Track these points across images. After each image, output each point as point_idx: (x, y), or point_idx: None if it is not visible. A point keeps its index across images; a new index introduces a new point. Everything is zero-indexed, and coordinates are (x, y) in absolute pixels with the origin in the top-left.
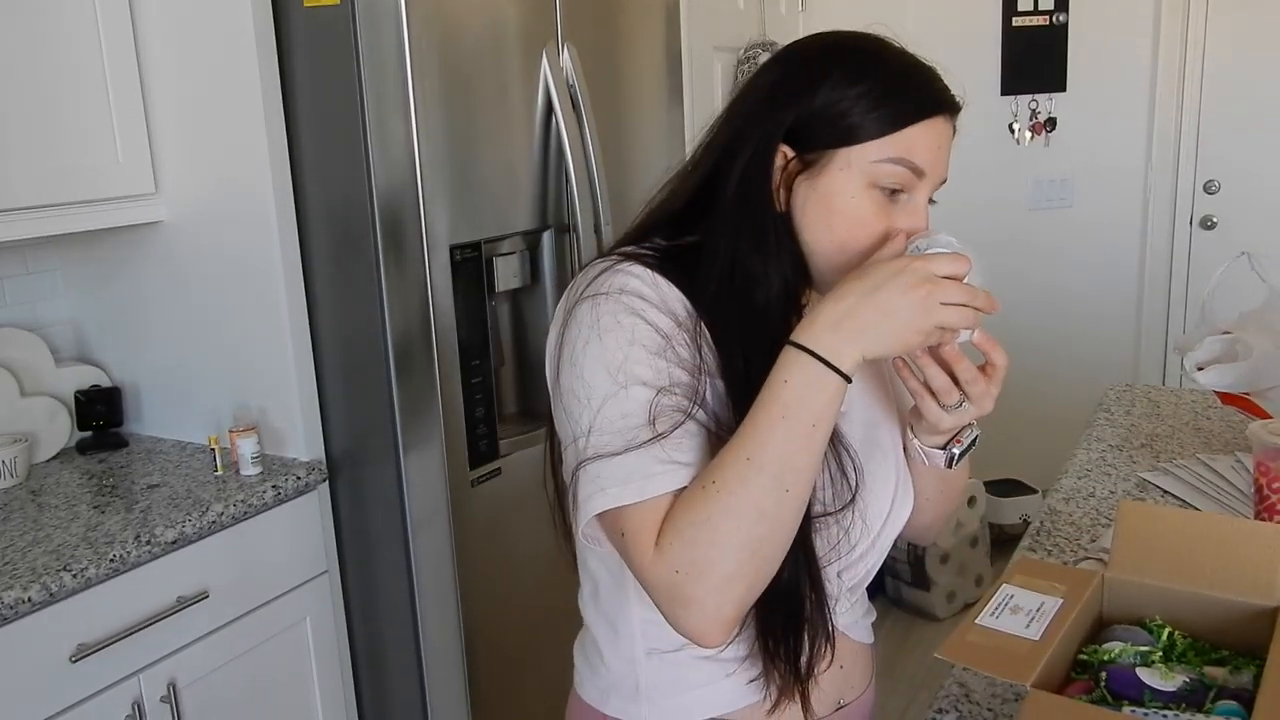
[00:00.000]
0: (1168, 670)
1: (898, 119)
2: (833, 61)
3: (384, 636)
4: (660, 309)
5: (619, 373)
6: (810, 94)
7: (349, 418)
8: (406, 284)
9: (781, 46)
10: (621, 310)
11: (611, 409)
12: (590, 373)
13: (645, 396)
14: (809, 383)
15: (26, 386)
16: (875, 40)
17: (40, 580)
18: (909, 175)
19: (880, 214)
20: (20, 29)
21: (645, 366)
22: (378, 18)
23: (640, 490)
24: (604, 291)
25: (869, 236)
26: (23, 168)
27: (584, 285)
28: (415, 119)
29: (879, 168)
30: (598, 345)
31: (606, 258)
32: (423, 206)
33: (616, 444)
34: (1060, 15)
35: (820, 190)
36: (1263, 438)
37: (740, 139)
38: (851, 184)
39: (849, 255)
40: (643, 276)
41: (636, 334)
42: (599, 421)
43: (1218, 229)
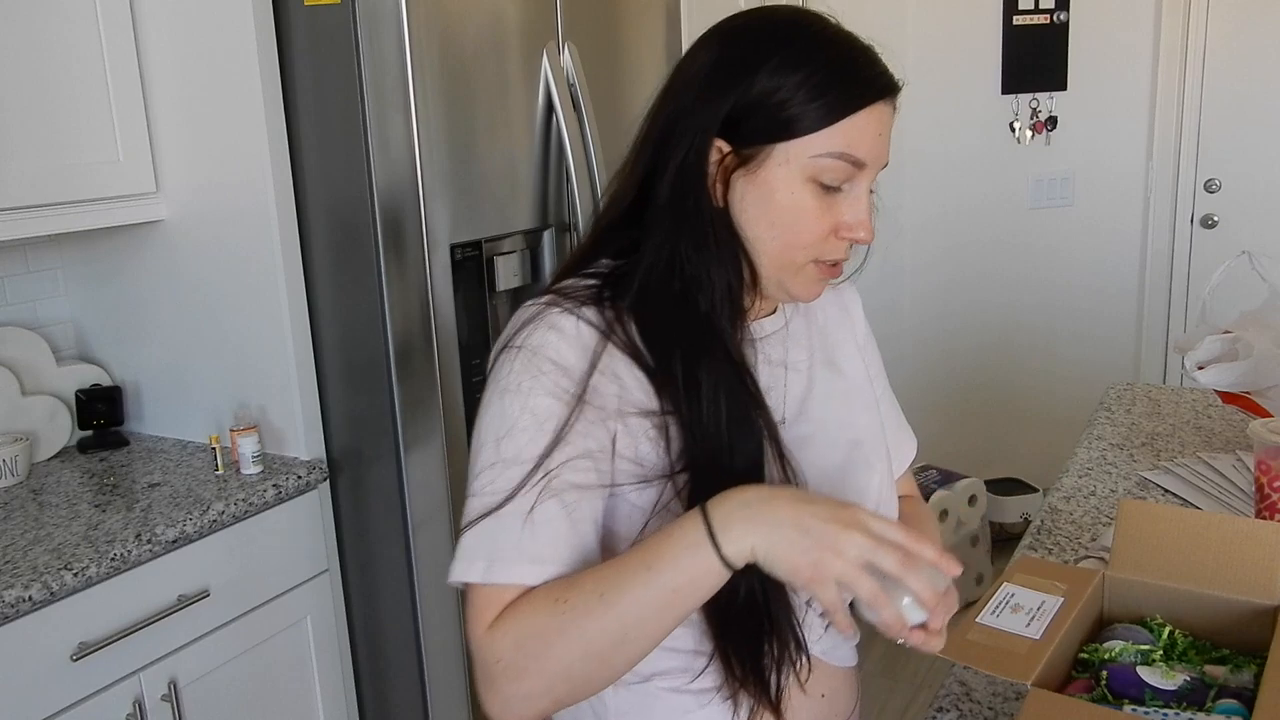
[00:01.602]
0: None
1: (838, 110)
2: (768, 46)
3: (385, 635)
4: (572, 372)
5: (502, 443)
6: (745, 83)
7: (349, 417)
8: (407, 283)
9: (729, 18)
10: (528, 373)
11: (486, 479)
12: (484, 430)
13: (519, 476)
14: (688, 546)
15: (27, 385)
16: (812, 20)
17: (41, 579)
18: (849, 168)
19: (822, 208)
20: (21, 28)
21: (533, 445)
22: (378, 17)
23: (486, 573)
24: (520, 345)
25: (813, 232)
26: (23, 167)
27: (512, 330)
28: (416, 118)
29: (819, 163)
30: (498, 404)
31: (540, 299)
32: (423, 205)
33: (486, 521)
34: (1061, 14)
35: (759, 186)
36: (1263, 436)
37: (673, 133)
38: (791, 179)
39: (794, 251)
40: (565, 330)
41: (532, 404)
42: (476, 485)
43: (1218, 228)
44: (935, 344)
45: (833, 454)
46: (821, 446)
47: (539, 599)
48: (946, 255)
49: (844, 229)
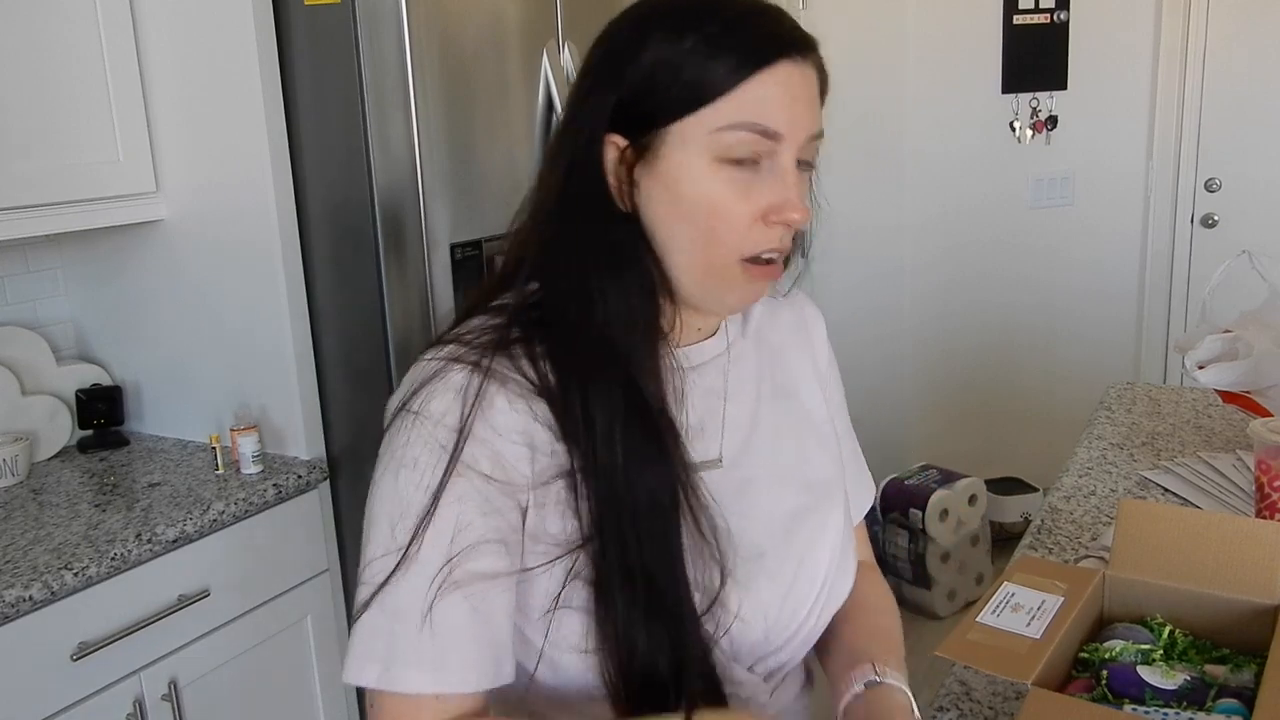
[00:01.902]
0: (1169, 669)
1: (735, 72)
2: (651, 24)
3: None
4: (481, 439)
5: (398, 528)
6: (630, 65)
7: (350, 416)
8: (407, 282)
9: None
10: (424, 445)
11: (379, 568)
12: (376, 510)
13: (421, 575)
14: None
15: (27, 385)
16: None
17: (41, 579)
18: (760, 139)
19: (741, 192)
20: (21, 28)
21: (438, 527)
22: (378, 17)
23: (382, 677)
24: (417, 410)
25: (733, 222)
26: (23, 166)
27: (408, 389)
28: (416, 118)
29: (724, 138)
30: (390, 482)
31: (440, 349)
32: (423, 205)
33: (374, 618)
34: (1061, 13)
35: (662, 178)
36: (1264, 436)
37: (565, 139)
38: (696, 162)
39: (715, 249)
40: (465, 391)
41: (430, 481)
42: (369, 574)
43: (1219, 227)
44: (935, 344)
45: (782, 499)
46: (768, 490)
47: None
48: (946, 255)
49: (771, 212)
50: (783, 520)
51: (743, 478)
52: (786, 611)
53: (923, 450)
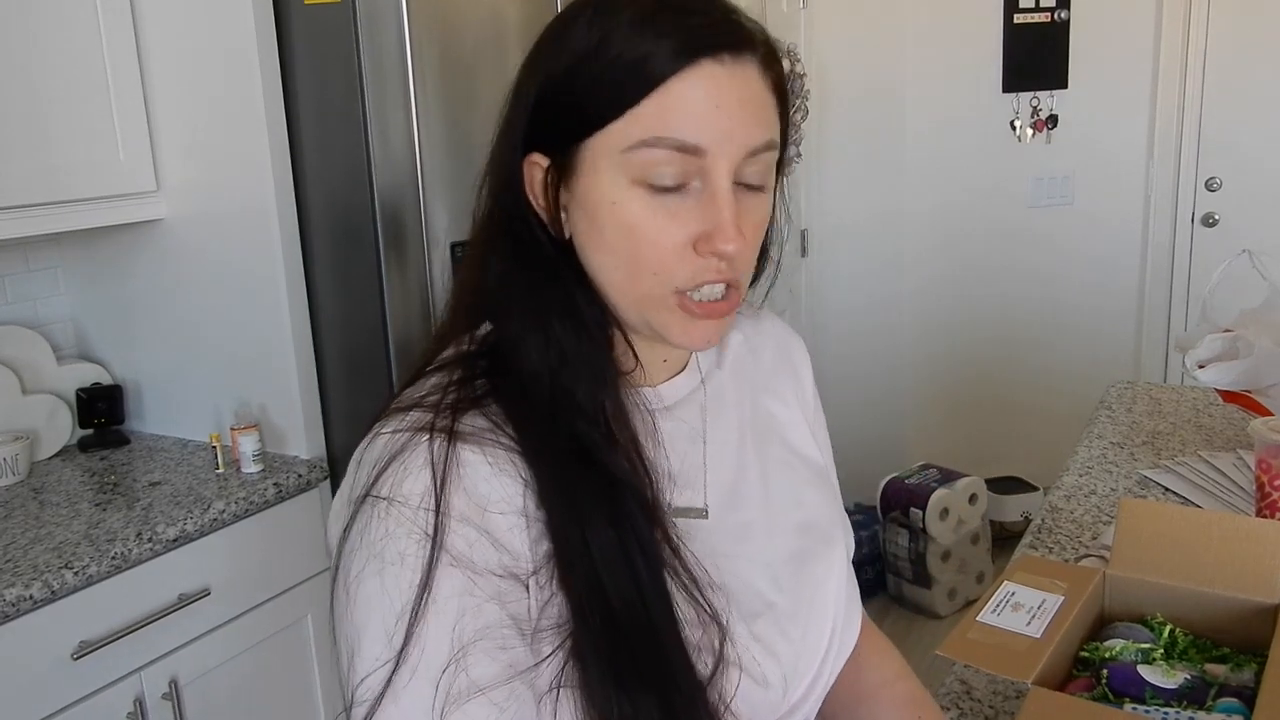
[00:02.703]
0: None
1: (642, 80)
2: (565, 25)
3: None
4: (465, 511)
5: (394, 638)
6: (545, 74)
7: (350, 415)
8: (407, 281)
9: None
10: (407, 535)
11: (374, 686)
12: (363, 618)
13: (426, 682)
14: None
15: (28, 384)
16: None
17: (42, 578)
18: (681, 157)
19: (665, 218)
20: (21, 27)
21: (437, 627)
22: (378, 16)
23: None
24: (389, 496)
25: (655, 252)
26: (24, 165)
27: (372, 470)
28: (416, 116)
29: (637, 156)
30: (377, 585)
31: (398, 418)
32: (423, 204)
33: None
34: (1062, 12)
35: (581, 200)
36: (1264, 435)
37: (490, 163)
38: (611, 185)
39: (641, 281)
40: (438, 462)
41: (421, 578)
42: (362, 692)
43: (1219, 226)
44: (935, 342)
45: (780, 543)
46: (765, 537)
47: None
48: (947, 254)
49: (701, 240)
50: (785, 567)
51: (736, 524)
52: (802, 664)
53: (923, 449)
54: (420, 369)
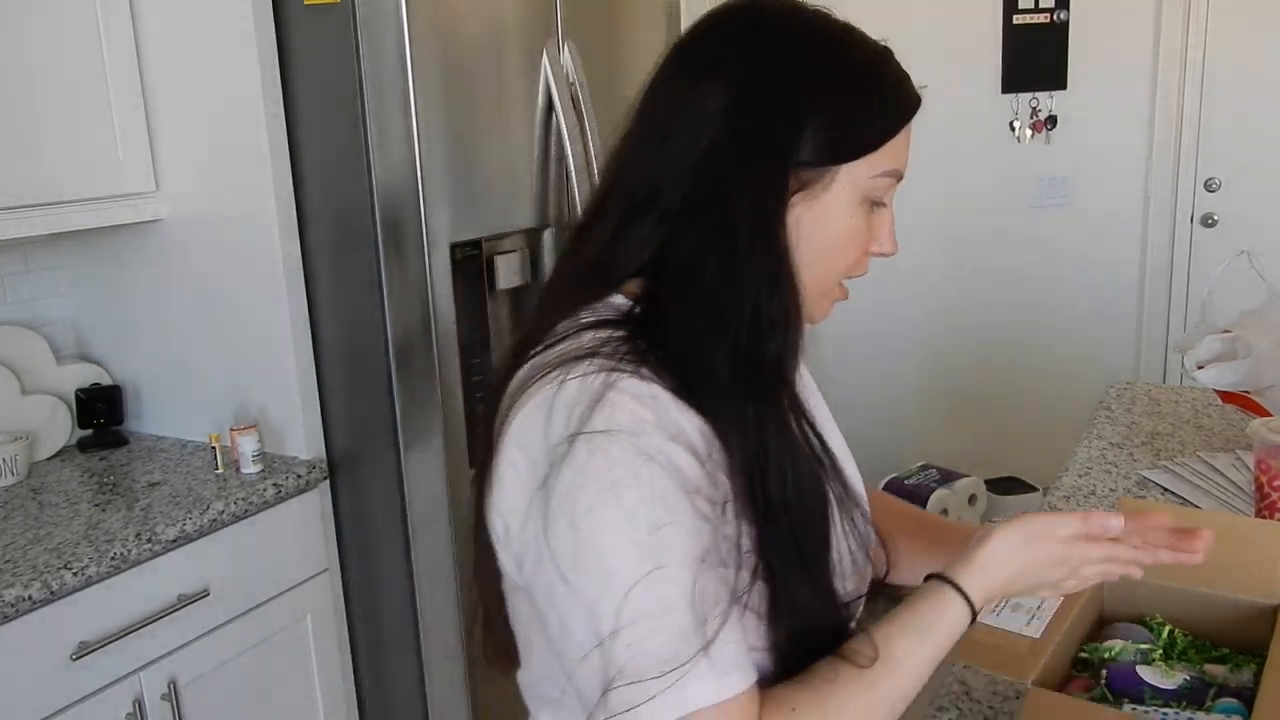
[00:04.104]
0: (1168, 668)
1: (896, 123)
2: (810, 66)
3: (385, 634)
4: (676, 438)
5: (647, 550)
6: (804, 109)
7: (349, 416)
8: (407, 282)
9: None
10: (635, 456)
11: (645, 597)
12: (608, 542)
13: (687, 579)
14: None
15: (27, 384)
16: (829, 24)
17: (41, 578)
18: (893, 183)
19: (867, 228)
20: (21, 27)
21: (678, 535)
22: (378, 17)
23: (718, 692)
24: (605, 429)
25: (857, 253)
26: (23, 165)
27: (576, 413)
28: (415, 117)
29: (877, 182)
30: (612, 506)
31: (582, 365)
32: (423, 205)
33: (668, 642)
34: (1061, 13)
35: (820, 211)
36: (1263, 435)
37: (722, 175)
38: (851, 201)
39: (833, 275)
40: (644, 396)
41: (658, 489)
42: (631, 608)
43: (1218, 227)
44: (935, 343)
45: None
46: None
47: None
48: (946, 254)
49: (874, 244)
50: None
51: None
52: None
53: (922, 450)
54: (547, 325)
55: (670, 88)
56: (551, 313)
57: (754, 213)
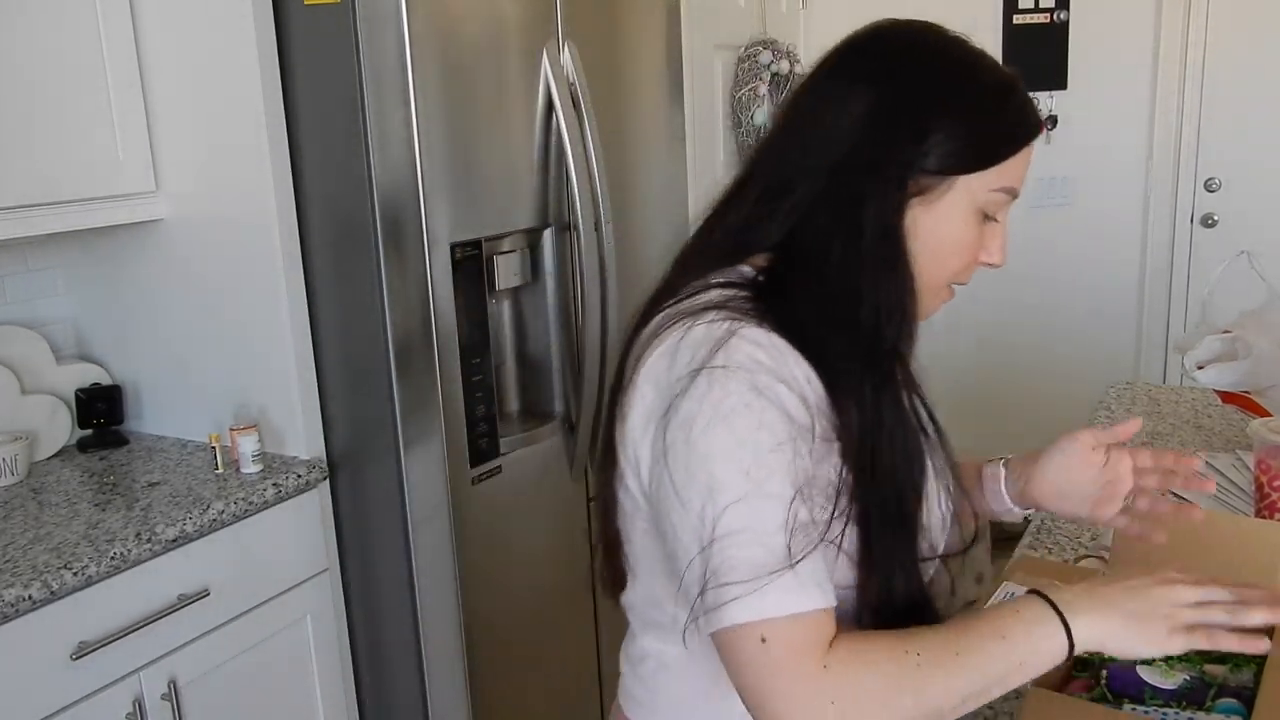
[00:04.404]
0: (1168, 668)
1: (1016, 141)
2: (941, 82)
3: (385, 634)
4: (787, 383)
5: (751, 471)
6: (930, 120)
7: (349, 416)
8: (407, 282)
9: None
10: (749, 390)
11: (742, 514)
12: (716, 464)
13: (781, 505)
14: (1040, 624)
15: (27, 384)
16: (965, 49)
17: (41, 578)
18: (1008, 199)
19: (978, 238)
20: (20, 27)
21: (779, 462)
22: (378, 17)
23: (795, 603)
24: (725, 364)
25: (966, 260)
26: (23, 165)
27: (704, 350)
28: (416, 117)
29: (993, 196)
30: (724, 431)
31: (707, 315)
32: (423, 204)
33: (756, 555)
34: (1061, 13)
35: (935, 215)
36: (1263, 435)
37: (872, 166)
38: (966, 210)
39: (942, 277)
40: (763, 343)
41: (766, 420)
42: (728, 521)
43: (1218, 227)
44: (934, 343)
45: None
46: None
47: (884, 646)
48: None
49: (985, 254)
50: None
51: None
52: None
53: None
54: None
55: (821, 87)
56: (684, 274)
57: (878, 209)
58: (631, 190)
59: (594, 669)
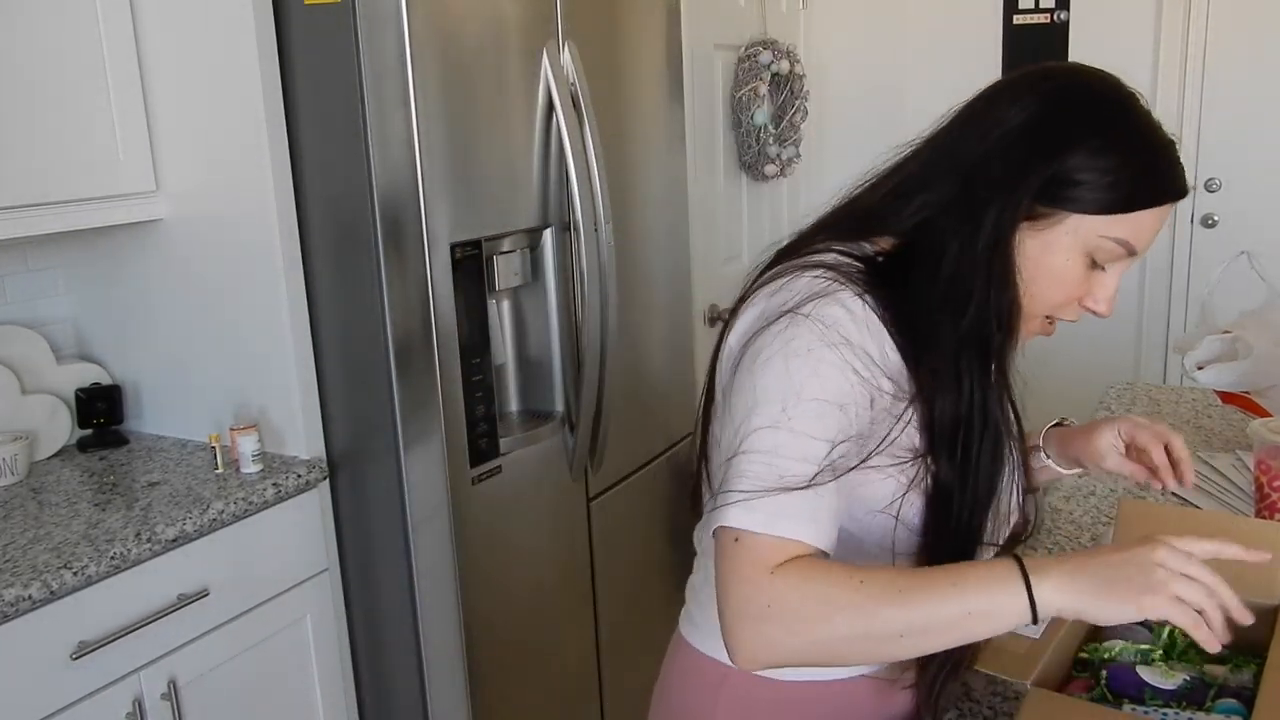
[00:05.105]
0: (1168, 668)
1: (1139, 202)
2: (1093, 122)
3: (384, 634)
4: (859, 351)
5: (788, 406)
6: (1064, 153)
7: (349, 415)
8: (407, 282)
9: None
10: (818, 341)
11: (767, 438)
12: (763, 390)
13: (804, 442)
14: (1000, 580)
15: (27, 384)
16: (1131, 104)
17: (41, 578)
18: (1123, 253)
19: (1081, 279)
20: (21, 26)
21: (817, 410)
22: (378, 17)
23: (768, 524)
24: (809, 314)
25: (1065, 296)
26: (23, 165)
27: (798, 297)
28: (416, 117)
29: (1102, 242)
30: (781, 365)
31: (815, 271)
32: (423, 204)
33: (761, 473)
34: (1061, 13)
35: (1041, 243)
36: (1263, 436)
37: (983, 181)
38: (1072, 249)
39: (1039, 305)
40: (855, 312)
41: (821, 371)
42: (754, 440)
43: (1218, 227)
44: None
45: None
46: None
47: (834, 570)
48: None
49: (1088, 299)
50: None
51: None
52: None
53: None
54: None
55: (991, 96)
56: (815, 237)
57: (995, 221)
58: (631, 190)
59: (594, 669)
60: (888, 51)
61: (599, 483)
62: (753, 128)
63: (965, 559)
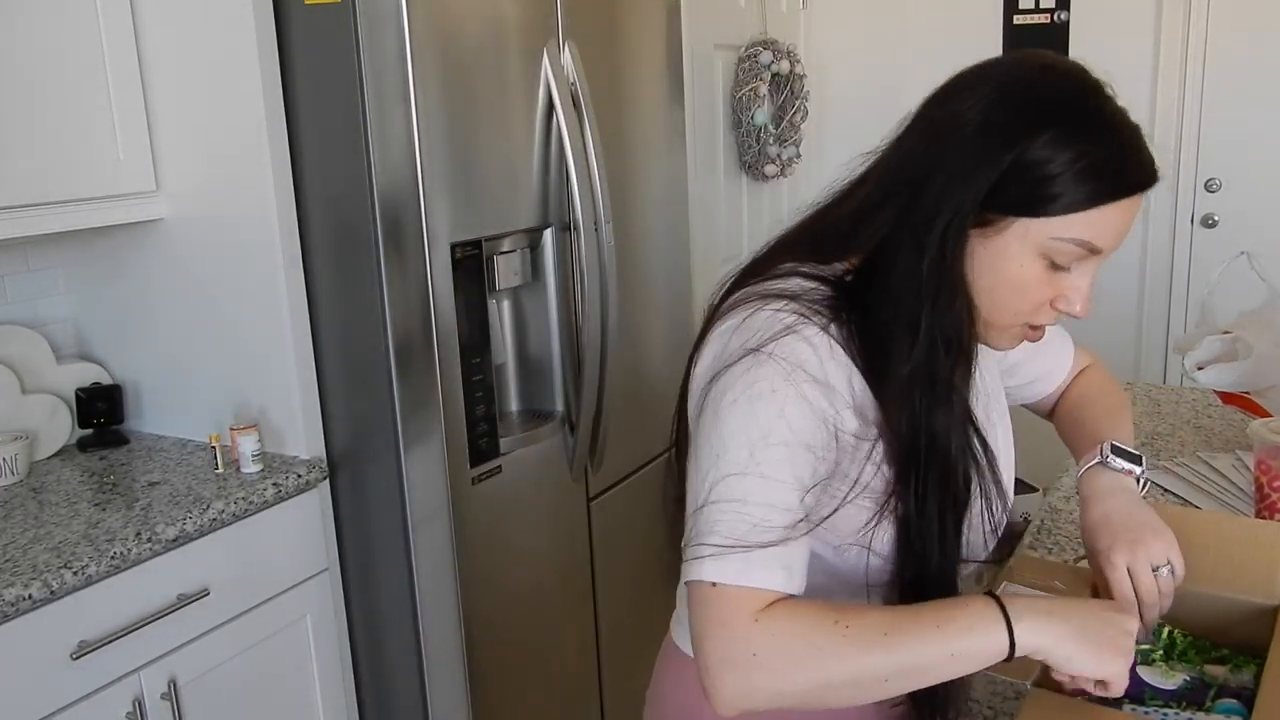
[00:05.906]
0: (1168, 669)
1: (1095, 198)
2: (1047, 115)
3: (384, 634)
4: (824, 387)
5: (755, 451)
6: (1015, 151)
7: (350, 415)
8: (407, 282)
9: (997, 63)
10: (782, 381)
11: (735, 486)
12: (730, 434)
13: (773, 488)
14: (982, 619)
15: (27, 384)
16: (1091, 93)
17: (41, 577)
18: (1083, 253)
19: (1044, 282)
20: (21, 26)
21: (785, 454)
22: (378, 16)
23: (741, 575)
24: (771, 353)
25: (1029, 303)
26: (23, 165)
27: (761, 335)
28: (416, 117)
29: (1057, 245)
30: (746, 409)
31: (778, 303)
32: (423, 204)
33: (733, 524)
34: (1062, 13)
35: (991, 250)
36: (1263, 436)
37: (932, 186)
38: (1025, 253)
39: (1005, 315)
40: (818, 347)
41: (786, 412)
42: (722, 489)
43: (1218, 227)
44: None
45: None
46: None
47: (816, 613)
48: None
49: (1060, 301)
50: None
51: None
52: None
53: None
54: (771, 265)
55: (937, 104)
56: (779, 257)
57: (940, 233)
58: (631, 190)
59: (594, 669)
60: (888, 51)
61: (599, 483)
62: (753, 128)
63: (939, 588)
